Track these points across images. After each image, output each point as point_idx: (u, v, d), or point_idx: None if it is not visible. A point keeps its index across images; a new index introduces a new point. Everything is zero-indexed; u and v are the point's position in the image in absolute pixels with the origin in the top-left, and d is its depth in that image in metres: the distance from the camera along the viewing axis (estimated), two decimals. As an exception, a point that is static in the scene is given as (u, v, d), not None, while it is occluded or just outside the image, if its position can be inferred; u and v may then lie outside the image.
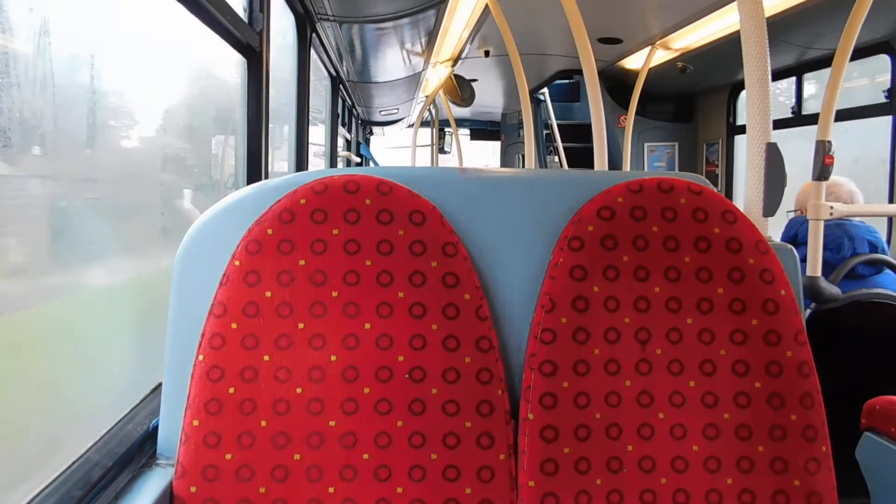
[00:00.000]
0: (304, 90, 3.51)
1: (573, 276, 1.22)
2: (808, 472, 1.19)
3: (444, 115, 9.37)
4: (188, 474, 1.14)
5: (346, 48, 4.36)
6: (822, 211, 2.81)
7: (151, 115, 1.68)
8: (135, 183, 1.60)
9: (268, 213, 1.20)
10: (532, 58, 5.28)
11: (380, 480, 1.16)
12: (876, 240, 3.04)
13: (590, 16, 2.94)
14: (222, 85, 2.27)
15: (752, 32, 1.40)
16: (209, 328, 1.17)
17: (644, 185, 1.24)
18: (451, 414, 1.19)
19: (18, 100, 1.02)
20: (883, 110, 3.84)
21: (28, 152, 1.12)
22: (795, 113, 4.75)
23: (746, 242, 1.23)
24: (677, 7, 4.04)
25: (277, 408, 1.16)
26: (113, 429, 1.26)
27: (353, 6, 3.40)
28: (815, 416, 1.21)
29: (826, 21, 3.66)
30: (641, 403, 1.21)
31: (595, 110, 2.94)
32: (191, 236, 1.26)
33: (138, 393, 1.40)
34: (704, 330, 1.22)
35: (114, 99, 1.43)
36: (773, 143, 1.39)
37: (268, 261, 1.18)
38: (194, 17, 1.71)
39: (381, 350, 1.19)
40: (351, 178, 1.23)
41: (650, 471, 1.19)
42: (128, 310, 1.50)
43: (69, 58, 1.20)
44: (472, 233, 1.28)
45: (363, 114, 8.66)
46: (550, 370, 1.19)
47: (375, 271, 1.20)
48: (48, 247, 1.23)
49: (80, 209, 1.32)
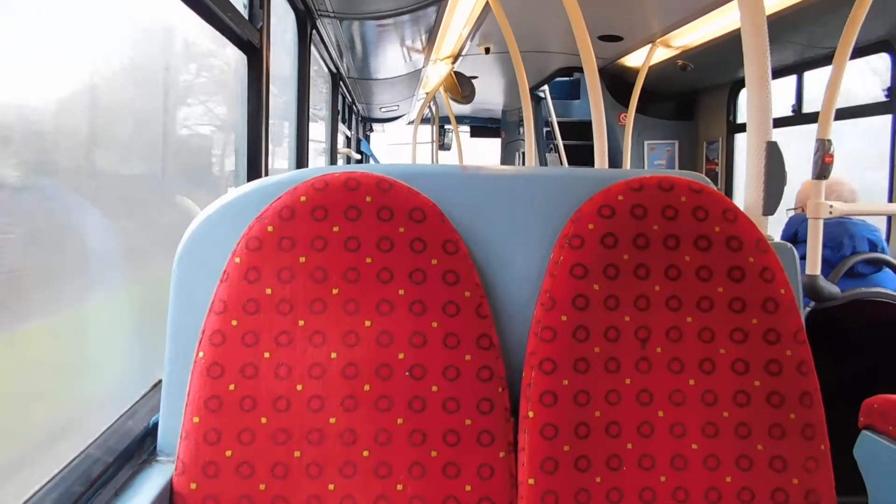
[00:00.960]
0: (304, 87, 3.51)
1: (573, 274, 1.22)
2: (807, 471, 1.20)
3: (445, 112, 9.38)
4: (188, 471, 1.14)
5: (346, 45, 4.36)
6: (822, 209, 2.81)
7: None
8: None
9: (268, 210, 1.20)
10: (532, 55, 5.27)
11: (380, 477, 1.17)
12: (876, 238, 3.04)
13: (590, 13, 2.94)
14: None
15: (752, 30, 1.40)
16: (209, 325, 1.17)
17: (644, 184, 1.25)
18: (452, 411, 1.19)
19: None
20: (883, 109, 3.84)
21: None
22: (796, 111, 4.75)
23: (746, 241, 1.23)
24: (678, 5, 4.03)
25: (277, 405, 1.16)
26: (113, 425, 1.26)
27: (354, 3, 3.40)
28: (815, 415, 1.21)
29: (826, 19, 3.66)
30: (641, 401, 1.21)
31: (595, 107, 2.94)
32: (191, 233, 1.26)
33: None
34: (704, 328, 1.22)
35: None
36: (773, 142, 1.39)
37: (268, 258, 1.18)
38: (195, 14, 1.71)
39: (382, 347, 1.19)
40: (351, 175, 1.23)
41: (650, 469, 1.20)
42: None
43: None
44: (473, 230, 1.28)
45: (363, 111, 8.67)
46: (550, 368, 1.20)
47: (376, 268, 1.20)
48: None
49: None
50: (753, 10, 1.39)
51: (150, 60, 1.60)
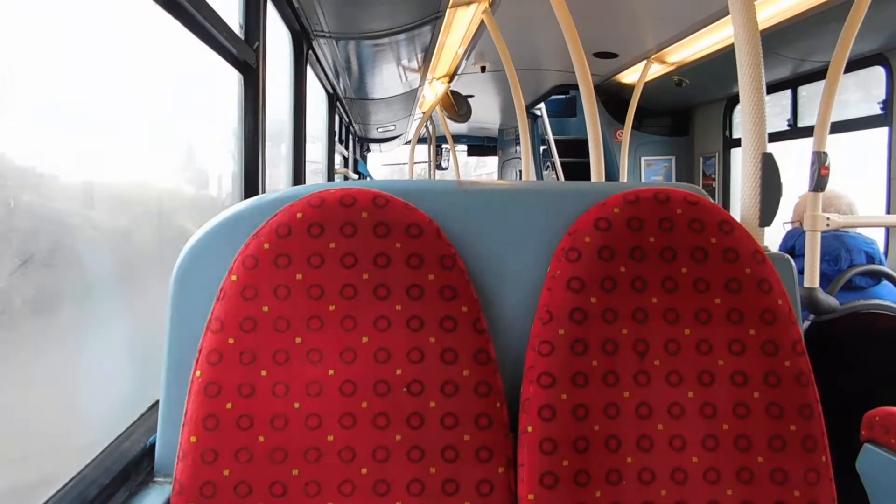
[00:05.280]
0: (300, 107, 3.52)
1: (571, 287, 1.22)
2: (808, 483, 1.19)
3: (441, 131, 9.41)
4: (186, 491, 1.13)
5: (342, 65, 4.37)
6: (819, 222, 2.81)
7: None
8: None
9: (264, 227, 1.20)
10: (528, 73, 5.30)
11: (378, 495, 1.16)
12: (873, 251, 3.04)
13: (586, 30, 2.96)
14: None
15: (745, 41, 1.40)
16: (206, 344, 1.17)
17: (640, 196, 1.25)
18: (450, 427, 1.18)
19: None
20: (879, 122, 3.85)
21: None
22: (791, 125, 4.77)
23: (743, 252, 1.23)
24: (672, 21, 4.06)
25: (275, 423, 1.15)
26: (110, 446, 1.25)
27: (350, 22, 3.41)
28: (815, 427, 1.20)
29: (820, 33, 3.68)
30: (640, 415, 1.20)
31: (592, 123, 2.95)
32: (187, 252, 1.26)
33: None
34: (702, 340, 1.22)
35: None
36: (768, 153, 1.40)
37: (265, 275, 1.18)
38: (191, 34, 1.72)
39: (379, 363, 1.18)
40: (347, 191, 1.22)
41: (650, 482, 1.19)
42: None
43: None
44: (470, 245, 1.28)
45: (360, 131, 8.69)
46: (549, 382, 1.19)
47: (373, 284, 1.20)
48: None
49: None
50: (747, 21, 1.40)
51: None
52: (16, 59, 1.07)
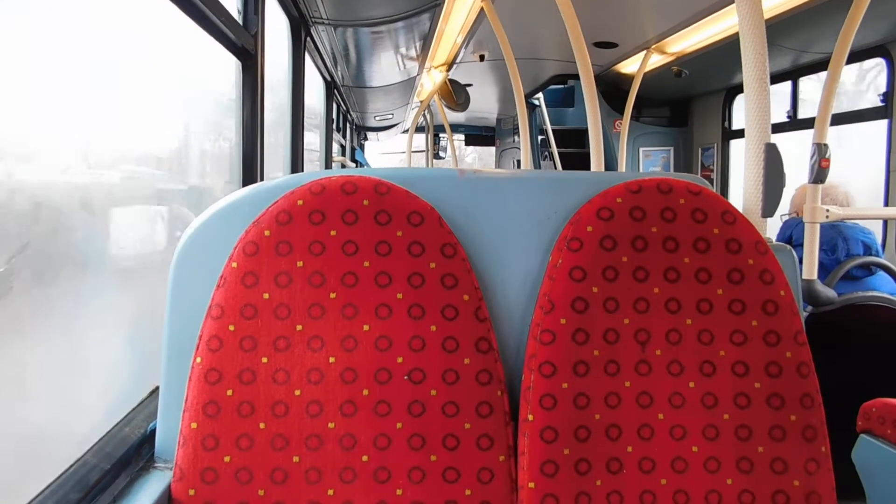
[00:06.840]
0: (298, 94, 3.51)
1: (572, 276, 1.22)
2: (808, 473, 1.19)
3: (439, 120, 9.40)
4: (186, 477, 1.13)
5: (340, 52, 4.36)
6: (819, 214, 2.81)
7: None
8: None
9: (265, 214, 1.20)
10: (527, 62, 5.29)
11: (379, 482, 1.16)
12: (870, 241, 3.06)
13: (586, 19, 2.95)
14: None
15: (750, 31, 1.40)
16: (206, 330, 1.17)
17: (643, 186, 1.24)
18: (451, 415, 1.18)
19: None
20: (879, 114, 3.85)
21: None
22: (791, 117, 4.77)
23: (746, 243, 1.23)
24: (673, 11, 4.05)
25: (276, 410, 1.15)
26: (110, 432, 1.25)
27: (348, 10, 3.40)
28: (815, 417, 1.21)
29: (822, 24, 3.68)
30: (641, 404, 1.20)
31: (592, 113, 2.95)
32: (187, 238, 1.25)
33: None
34: (704, 331, 1.22)
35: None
36: (772, 144, 1.39)
37: (265, 262, 1.18)
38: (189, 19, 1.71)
39: (380, 351, 1.18)
40: (348, 179, 1.22)
41: (650, 471, 1.19)
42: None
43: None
44: (471, 233, 1.28)
45: (358, 119, 8.67)
46: (550, 371, 1.19)
47: (374, 272, 1.20)
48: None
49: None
50: (752, 10, 1.39)
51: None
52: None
